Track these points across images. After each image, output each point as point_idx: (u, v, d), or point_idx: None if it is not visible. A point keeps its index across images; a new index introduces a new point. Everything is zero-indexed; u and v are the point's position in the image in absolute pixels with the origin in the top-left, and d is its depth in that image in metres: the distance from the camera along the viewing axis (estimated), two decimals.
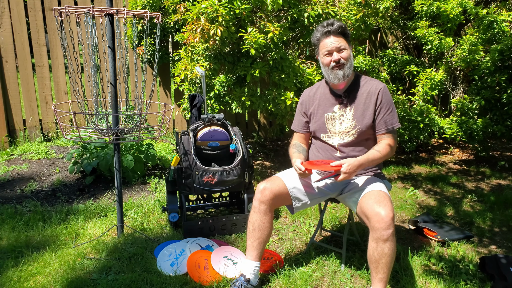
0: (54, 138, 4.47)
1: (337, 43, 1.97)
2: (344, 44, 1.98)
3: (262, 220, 1.97)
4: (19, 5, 4.12)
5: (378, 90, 2.00)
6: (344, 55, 1.98)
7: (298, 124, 2.24)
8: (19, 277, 2.06)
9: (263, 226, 1.97)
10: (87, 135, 2.45)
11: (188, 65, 3.25)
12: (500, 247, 2.51)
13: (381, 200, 1.84)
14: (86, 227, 2.61)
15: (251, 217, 2.00)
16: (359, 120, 2.01)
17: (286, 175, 2.09)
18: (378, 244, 1.79)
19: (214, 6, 2.77)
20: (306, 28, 3.37)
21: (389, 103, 2.01)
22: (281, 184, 2.02)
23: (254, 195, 2.00)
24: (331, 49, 1.98)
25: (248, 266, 1.97)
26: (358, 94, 2.03)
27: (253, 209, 1.99)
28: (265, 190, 1.97)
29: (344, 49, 1.98)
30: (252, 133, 4.98)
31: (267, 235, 1.99)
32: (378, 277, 1.81)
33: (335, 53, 1.98)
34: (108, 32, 2.20)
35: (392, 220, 1.77)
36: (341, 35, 1.98)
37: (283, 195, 2.02)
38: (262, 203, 1.97)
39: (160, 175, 3.54)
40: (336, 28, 1.96)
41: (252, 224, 1.98)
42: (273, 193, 1.98)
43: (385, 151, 1.97)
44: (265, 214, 1.97)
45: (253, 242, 1.98)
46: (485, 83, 3.71)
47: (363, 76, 2.08)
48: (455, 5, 3.46)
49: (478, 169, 4.01)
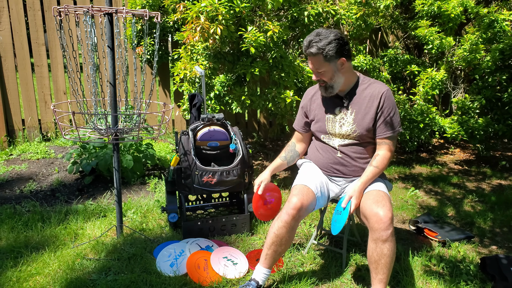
0: (53, 138, 4.46)
1: (314, 67, 1.93)
2: (323, 67, 1.90)
3: (290, 236, 1.92)
4: (18, 4, 4.11)
5: (381, 94, 1.94)
6: (325, 78, 1.94)
7: (298, 123, 2.22)
8: (18, 278, 2.05)
9: (288, 241, 1.93)
10: (86, 135, 2.44)
11: (187, 64, 3.23)
12: (501, 248, 2.50)
13: (379, 200, 1.83)
14: (85, 227, 2.60)
15: (278, 231, 1.90)
16: (359, 124, 1.96)
17: (311, 181, 2.02)
18: (377, 245, 1.78)
19: (214, 5, 2.76)
20: (306, 27, 3.36)
21: (391, 107, 1.94)
22: (313, 196, 1.98)
23: (286, 209, 1.90)
24: (311, 69, 1.96)
25: (261, 273, 1.96)
26: (360, 98, 1.98)
27: (283, 223, 1.89)
28: (302, 209, 1.90)
29: (323, 72, 1.92)
30: (252, 133, 4.96)
31: (288, 248, 1.98)
32: (378, 277, 1.80)
33: (314, 74, 1.96)
34: (107, 31, 2.19)
35: (390, 220, 1.76)
36: (320, 56, 1.87)
37: (311, 206, 1.98)
38: (296, 221, 1.90)
39: (159, 175, 3.53)
40: (312, 52, 1.87)
41: (279, 237, 1.90)
42: (307, 209, 1.94)
43: (383, 165, 1.93)
44: (294, 229, 1.93)
45: (273, 253, 1.93)
46: (486, 82, 3.70)
47: (367, 78, 2.03)
48: (456, 5, 3.45)
49: (479, 169, 4.00)
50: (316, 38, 1.86)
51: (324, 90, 1.99)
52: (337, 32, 1.89)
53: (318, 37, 1.86)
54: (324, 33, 1.87)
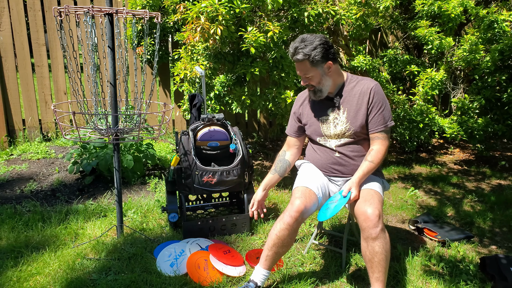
0: (54, 138, 4.47)
1: (302, 73, 1.94)
2: (310, 72, 1.92)
3: (291, 238, 1.92)
4: (18, 4, 4.11)
5: (370, 89, 1.95)
6: (313, 82, 1.95)
7: (290, 128, 2.21)
8: (18, 277, 2.05)
9: (290, 243, 1.94)
10: (87, 135, 2.45)
11: (188, 64, 3.24)
12: (500, 247, 2.51)
13: (368, 198, 1.83)
14: (86, 227, 2.60)
15: (280, 233, 1.90)
16: (353, 121, 1.97)
17: (313, 183, 2.02)
18: (368, 243, 1.78)
19: (214, 5, 2.77)
20: (306, 28, 3.37)
21: (381, 101, 1.95)
22: (315, 198, 1.98)
23: (289, 211, 1.90)
24: (299, 74, 1.97)
25: (261, 274, 1.97)
26: (350, 96, 1.99)
27: (286, 225, 1.89)
28: (305, 212, 1.90)
29: (310, 76, 1.93)
30: (252, 133, 4.97)
31: (288, 250, 1.98)
32: (375, 276, 1.80)
33: (302, 80, 1.98)
34: (108, 32, 2.19)
35: (378, 217, 1.76)
36: (307, 62, 1.89)
37: (313, 208, 1.98)
38: (297, 222, 1.90)
39: (159, 175, 3.54)
40: (298, 59, 1.89)
41: (280, 239, 1.90)
42: (309, 212, 1.95)
43: (378, 159, 1.93)
44: (295, 232, 1.93)
45: (273, 254, 1.93)
46: (486, 82, 3.70)
47: (354, 76, 2.04)
48: (456, 5, 3.46)
49: (479, 169, 4.00)
50: (302, 44, 1.88)
51: (313, 94, 2.01)
52: (322, 37, 1.91)
53: (303, 43, 1.88)
54: (309, 39, 1.88)
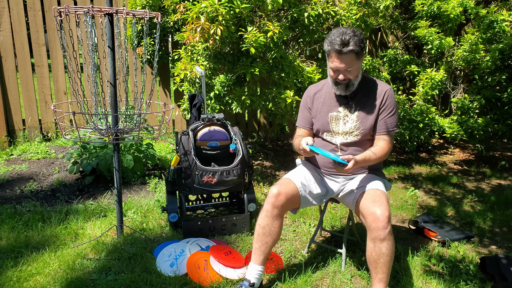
0: (54, 138, 4.47)
1: (347, 66, 1.85)
2: (354, 65, 1.86)
3: (273, 225, 1.94)
4: (18, 4, 4.11)
5: (384, 91, 1.96)
6: (352, 75, 1.89)
7: (303, 120, 2.15)
8: (18, 277, 2.05)
9: (273, 231, 1.94)
10: (87, 135, 2.45)
11: (188, 64, 3.24)
12: (500, 247, 2.51)
13: (376, 199, 1.83)
14: (86, 227, 2.60)
15: (262, 221, 1.95)
16: (363, 121, 1.98)
17: (295, 177, 2.05)
18: (375, 244, 1.78)
19: (214, 5, 2.77)
20: (306, 28, 3.37)
21: (392, 106, 1.97)
22: (294, 188, 1.99)
23: (267, 199, 1.95)
24: (339, 68, 1.87)
25: (253, 271, 1.96)
26: (364, 96, 1.99)
27: (265, 213, 1.94)
28: (280, 195, 1.93)
29: (352, 69, 1.87)
30: (252, 133, 4.97)
31: (276, 240, 1.97)
32: (378, 277, 1.80)
33: (342, 74, 1.88)
34: (108, 32, 2.19)
35: (387, 219, 1.76)
36: (353, 54, 1.82)
37: (295, 198, 2.00)
38: (276, 208, 1.93)
39: (159, 175, 3.54)
40: (349, 51, 1.80)
41: (263, 228, 1.94)
42: (287, 198, 1.95)
43: (380, 153, 1.93)
44: (277, 219, 1.94)
45: (261, 246, 1.95)
46: (486, 82, 3.70)
47: (369, 77, 2.04)
48: (456, 5, 3.45)
49: (479, 169, 4.00)
50: (351, 34, 1.79)
51: (345, 88, 1.93)
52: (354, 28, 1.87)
53: (352, 33, 1.80)
54: (354, 30, 1.82)
